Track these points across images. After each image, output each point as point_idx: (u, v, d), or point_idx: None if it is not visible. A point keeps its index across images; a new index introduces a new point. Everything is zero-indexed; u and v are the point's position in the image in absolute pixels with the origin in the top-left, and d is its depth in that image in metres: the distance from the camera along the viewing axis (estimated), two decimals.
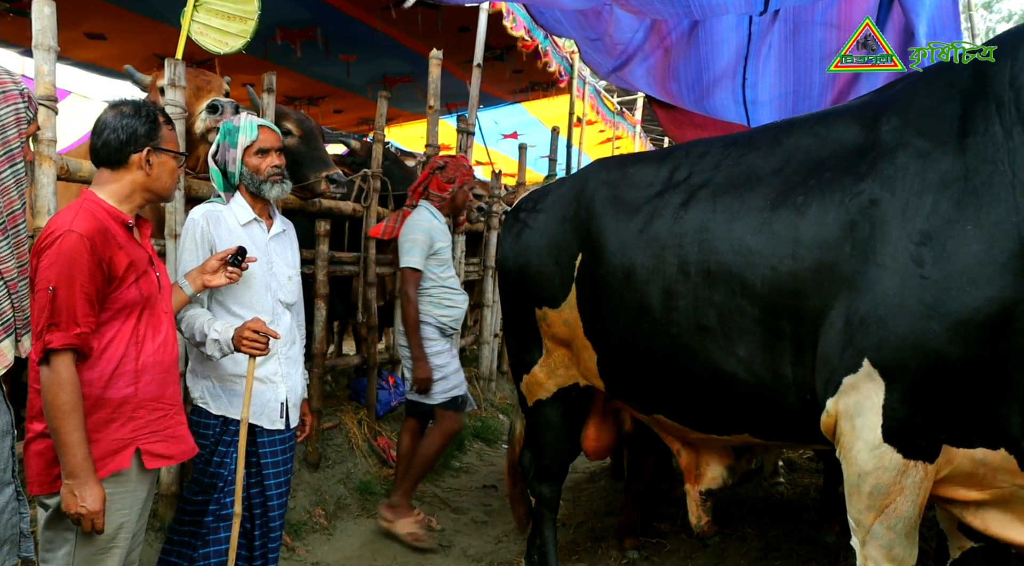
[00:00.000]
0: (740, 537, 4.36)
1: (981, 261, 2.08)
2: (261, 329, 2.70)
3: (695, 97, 5.81)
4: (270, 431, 2.92)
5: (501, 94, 9.67)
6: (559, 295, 3.24)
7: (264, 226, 3.02)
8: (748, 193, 2.59)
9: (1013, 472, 2.20)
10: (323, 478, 4.72)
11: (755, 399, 2.60)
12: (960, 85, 2.32)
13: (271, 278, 2.99)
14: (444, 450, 4.65)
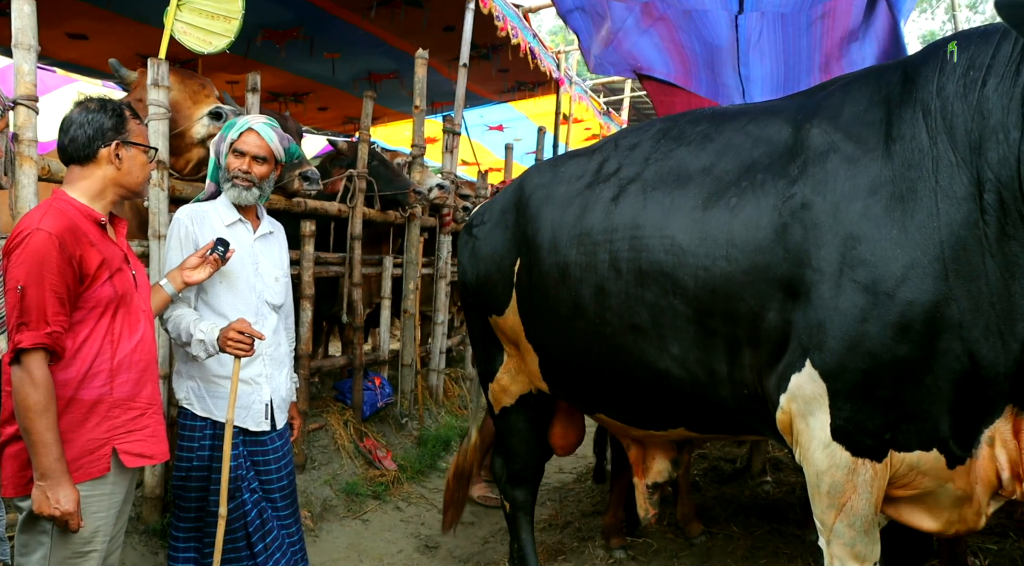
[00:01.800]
0: (727, 536, 4.37)
1: (907, 264, 2.13)
2: (246, 330, 2.69)
3: (704, 63, 5.80)
4: (256, 432, 2.90)
5: (487, 93, 9.67)
6: (503, 302, 3.27)
7: (250, 227, 3.00)
8: (679, 191, 2.59)
9: (940, 471, 2.27)
10: (309, 480, 4.70)
11: (689, 395, 2.64)
12: (889, 91, 2.35)
13: (256, 279, 2.97)
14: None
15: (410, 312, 6.14)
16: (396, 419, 5.93)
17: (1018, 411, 2.21)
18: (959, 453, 2.25)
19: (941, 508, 2.38)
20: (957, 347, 2.13)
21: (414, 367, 6.19)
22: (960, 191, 2.12)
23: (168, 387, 3.57)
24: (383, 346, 6.08)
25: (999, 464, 2.22)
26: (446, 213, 6.54)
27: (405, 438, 5.85)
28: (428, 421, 6.21)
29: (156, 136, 3.57)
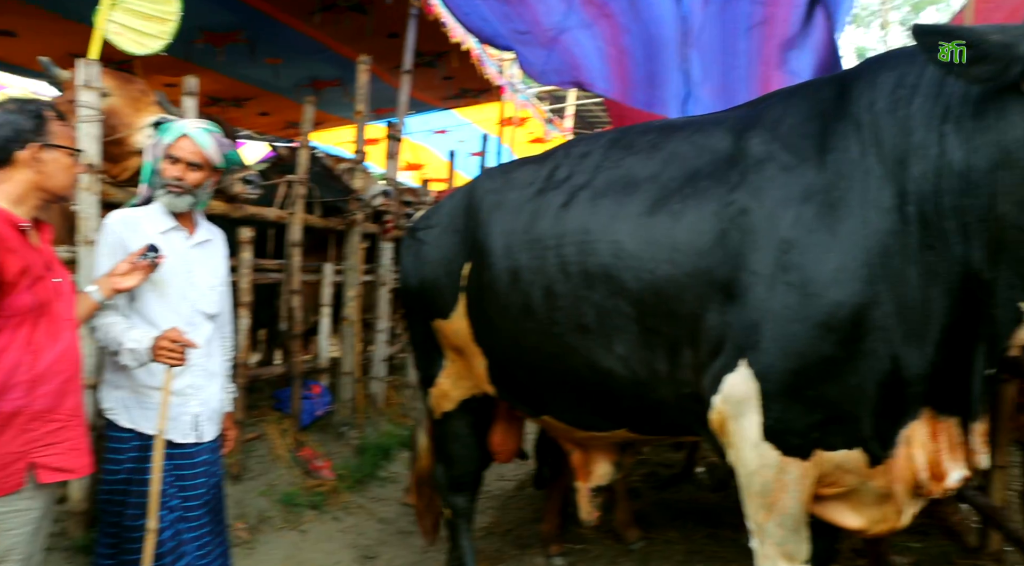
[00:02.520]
0: (665, 541, 4.43)
1: (836, 268, 2.23)
2: (179, 339, 2.63)
3: (647, 71, 5.82)
4: (182, 445, 2.84)
5: (431, 100, 9.65)
6: (449, 306, 3.30)
7: (185, 234, 2.94)
8: (627, 197, 2.69)
9: (862, 469, 2.37)
10: (245, 491, 4.61)
11: (632, 395, 2.72)
12: (825, 104, 2.46)
13: (190, 287, 2.90)
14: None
15: (350, 319, 6.09)
16: (336, 428, 5.87)
17: (936, 414, 2.32)
18: (879, 453, 2.35)
19: (864, 506, 2.47)
20: (881, 349, 2.23)
21: (354, 375, 6.14)
22: (886, 202, 2.23)
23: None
24: (322, 354, 6.02)
25: (917, 465, 2.32)
26: (388, 220, 6.51)
27: (345, 447, 5.79)
28: (368, 430, 6.16)
29: (87, 139, 3.48)
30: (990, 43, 1.93)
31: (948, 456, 2.33)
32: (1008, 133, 2.04)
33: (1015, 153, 2.03)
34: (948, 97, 2.18)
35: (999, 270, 2.12)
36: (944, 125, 2.16)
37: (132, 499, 2.73)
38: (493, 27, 5.62)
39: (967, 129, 2.12)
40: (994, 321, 2.18)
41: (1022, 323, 2.17)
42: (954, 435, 2.33)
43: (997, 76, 1.97)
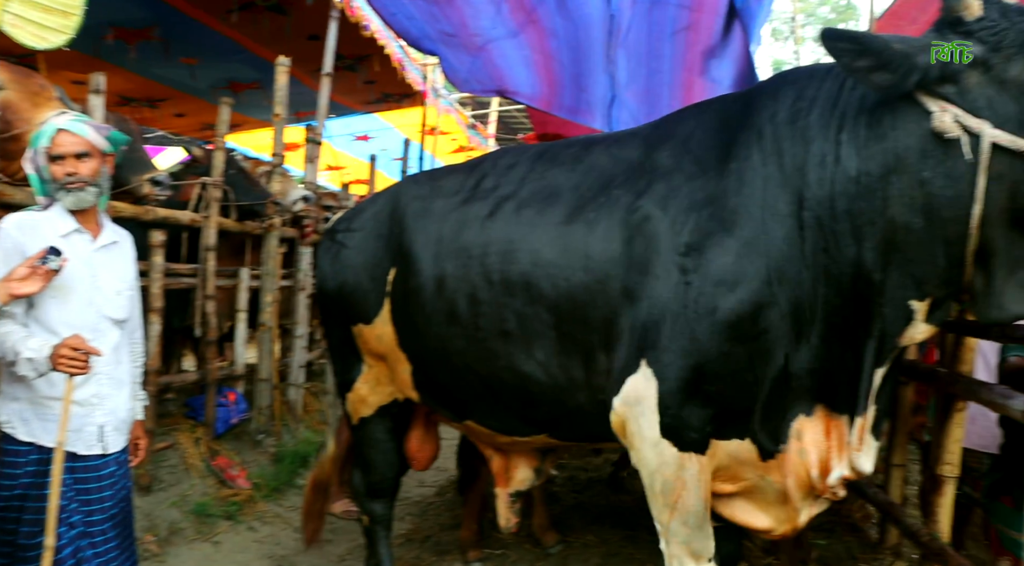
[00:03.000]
0: (583, 544, 4.49)
1: (734, 271, 2.34)
2: (81, 346, 2.52)
3: (574, 86, 5.86)
4: (86, 457, 2.73)
5: (353, 104, 9.57)
6: (373, 311, 3.29)
7: (89, 237, 2.83)
8: (548, 208, 2.77)
9: (755, 462, 2.49)
10: (155, 502, 4.47)
11: (551, 400, 2.80)
12: (732, 117, 2.58)
13: (95, 292, 2.80)
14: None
15: (267, 325, 5.97)
16: (252, 436, 5.75)
17: (829, 411, 2.44)
18: (770, 446, 2.47)
19: (768, 504, 2.58)
20: (773, 347, 2.35)
21: (271, 382, 6.02)
22: (784, 208, 2.34)
23: None
24: (238, 360, 5.89)
25: (809, 462, 2.43)
26: (307, 224, 6.41)
27: (261, 455, 5.67)
28: (286, 437, 6.05)
29: None
30: (893, 51, 2.03)
31: (836, 453, 2.44)
32: (900, 140, 2.15)
33: (907, 159, 2.13)
34: (844, 109, 2.29)
35: (889, 271, 2.23)
36: (840, 134, 2.27)
37: (28, 515, 2.60)
38: (419, 27, 5.56)
39: (861, 137, 2.22)
40: (884, 319, 2.29)
41: (911, 321, 2.28)
42: (843, 433, 2.44)
43: (897, 84, 2.07)
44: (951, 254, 2.15)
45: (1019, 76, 2.02)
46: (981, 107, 2.05)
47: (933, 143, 2.09)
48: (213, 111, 5.61)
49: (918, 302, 2.25)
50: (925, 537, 3.37)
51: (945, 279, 2.20)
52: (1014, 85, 2.03)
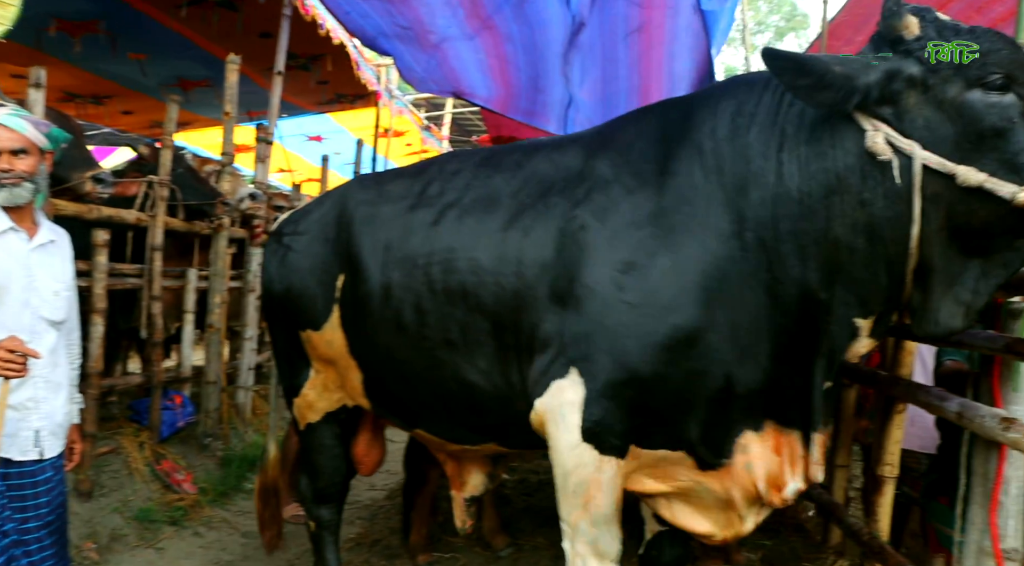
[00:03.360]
0: (533, 547, 4.49)
1: (673, 292, 2.31)
2: (18, 349, 2.45)
3: (531, 83, 5.84)
4: (21, 462, 2.65)
5: (305, 104, 9.45)
6: (322, 317, 3.23)
7: (25, 236, 2.75)
8: (488, 215, 2.75)
9: (691, 469, 2.49)
10: (96, 508, 4.36)
11: (495, 408, 2.78)
12: (670, 128, 2.53)
13: (31, 293, 2.72)
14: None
15: (215, 327, 5.87)
16: (199, 439, 5.65)
17: (779, 427, 2.43)
18: (711, 459, 2.45)
19: (708, 509, 2.58)
20: (711, 367, 2.32)
21: (219, 384, 5.92)
22: (725, 228, 2.31)
23: None
24: (185, 362, 5.78)
25: (755, 475, 2.42)
26: (257, 224, 6.32)
27: (208, 459, 5.58)
28: (234, 441, 5.95)
29: None
30: (834, 73, 2.03)
31: (788, 468, 2.43)
32: (841, 160, 2.14)
33: (847, 179, 2.13)
34: (783, 126, 2.27)
35: (834, 290, 2.22)
36: (781, 153, 2.25)
37: None
38: (375, 25, 5.50)
39: (802, 156, 2.21)
40: (831, 337, 2.28)
41: (857, 338, 2.30)
42: (795, 448, 2.42)
43: (838, 104, 2.07)
44: (893, 273, 2.16)
45: (956, 97, 2.03)
46: (918, 128, 2.07)
47: (871, 164, 2.10)
48: (162, 109, 5.50)
49: (863, 319, 2.26)
50: (866, 536, 3.45)
51: (888, 297, 2.22)
52: (951, 106, 2.04)
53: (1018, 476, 2.50)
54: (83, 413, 3.02)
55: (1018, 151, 1.99)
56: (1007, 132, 2.00)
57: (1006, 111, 2.00)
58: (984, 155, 2.01)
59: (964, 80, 2.03)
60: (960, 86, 2.03)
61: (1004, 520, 2.50)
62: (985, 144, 2.02)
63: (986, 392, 2.61)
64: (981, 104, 2.01)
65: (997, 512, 2.50)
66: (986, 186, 1.98)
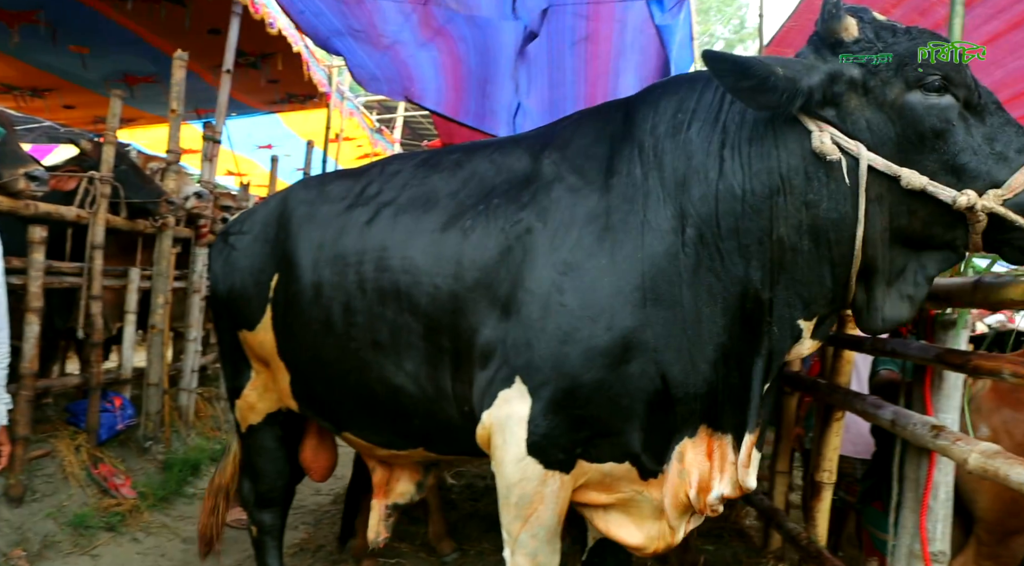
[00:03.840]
0: (478, 552, 4.49)
1: (611, 293, 2.26)
2: None
3: (480, 87, 5.85)
4: None
5: (255, 104, 9.33)
6: (256, 318, 3.19)
7: None
8: (424, 214, 2.69)
9: (635, 480, 2.45)
10: (27, 514, 4.23)
11: (423, 413, 2.70)
12: (612, 127, 2.50)
13: None
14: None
15: (158, 328, 5.75)
16: (139, 442, 5.52)
17: (712, 432, 2.39)
18: (651, 467, 2.41)
19: (643, 519, 2.53)
20: (651, 370, 2.27)
21: (161, 386, 5.79)
22: (665, 225, 2.27)
23: None
24: (126, 364, 5.64)
25: (689, 482, 2.38)
26: (203, 224, 6.22)
27: (148, 463, 5.45)
28: (176, 444, 5.83)
29: None
30: (777, 76, 2.01)
31: (718, 473, 2.39)
32: (785, 161, 2.12)
33: (793, 180, 2.11)
34: (726, 123, 2.25)
35: (777, 290, 2.20)
36: (723, 150, 2.22)
37: None
38: (328, 24, 5.48)
39: (745, 155, 2.19)
40: (772, 338, 2.25)
41: (800, 340, 2.29)
42: (726, 452, 2.38)
43: (781, 106, 2.05)
44: (836, 274, 2.15)
45: (896, 99, 2.03)
46: (861, 129, 2.06)
47: (816, 164, 2.08)
48: (105, 104, 5.37)
49: (805, 321, 2.24)
50: (804, 541, 3.53)
51: (831, 298, 2.20)
52: (891, 108, 2.04)
53: (946, 482, 2.59)
54: (13, 414, 2.93)
55: (957, 152, 2.00)
56: (946, 133, 2.01)
57: (945, 113, 2.01)
58: (925, 156, 2.03)
59: (904, 82, 2.03)
60: (900, 88, 2.04)
61: (933, 524, 2.57)
62: (926, 145, 2.03)
63: (918, 401, 2.69)
64: (921, 106, 2.02)
65: (927, 516, 2.58)
66: (929, 189, 1.99)
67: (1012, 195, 1.95)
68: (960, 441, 2.26)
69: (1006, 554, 3.12)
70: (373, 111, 11.78)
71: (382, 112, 12.46)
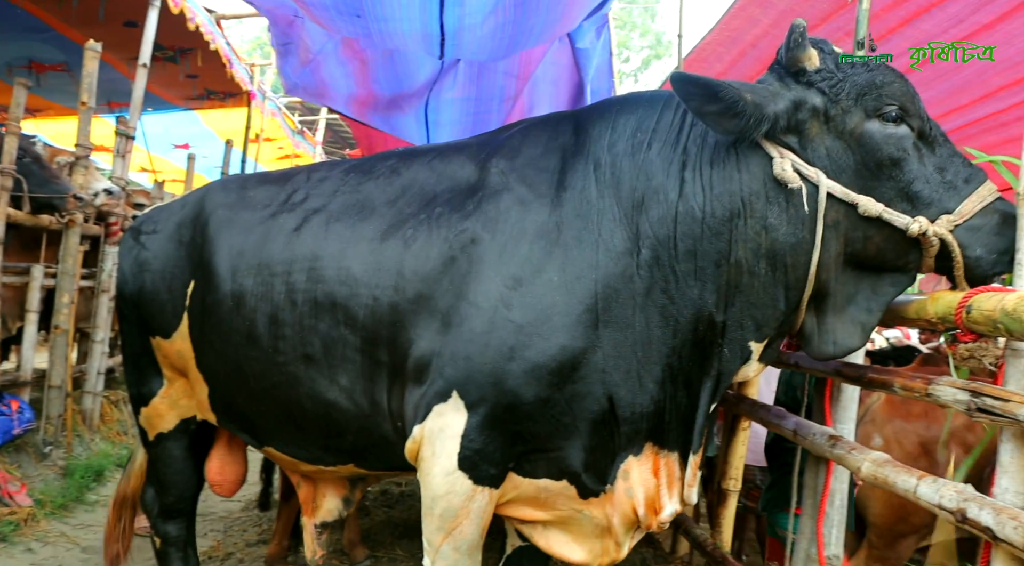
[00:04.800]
0: (391, 559, 4.46)
1: (561, 311, 2.21)
2: None
3: (388, 106, 5.87)
4: None
5: (173, 99, 9.07)
6: (171, 325, 3.05)
7: None
8: (360, 223, 2.60)
9: (573, 498, 2.40)
10: None
11: (356, 429, 2.62)
12: (563, 139, 2.47)
13: None
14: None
15: (62, 328, 5.52)
16: (37, 447, 5.29)
17: (658, 449, 2.36)
18: (593, 487, 2.37)
19: (585, 537, 2.50)
20: (598, 390, 2.25)
21: (64, 389, 5.57)
22: (620, 245, 2.24)
23: None
24: (25, 365, 5.40)
25: (636, 500, 2.38)
26: (114, 222, 6.02)
27: (48, 469, 5.23)
28: (78, 449, 5.61)
29: None
30: (745, 102, 2.02)
31: (666, 491, 2.37)
32: (747, 185, 2.14)
33: (754, 204, 2.13)
34: (687, 145, 2.25)
35: (731, 312, 2.21)
36: (684, 171, 2.22)
37: None
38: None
39: (707, 177, 2.19)
40: (722, 359, 2.27)
41: (749, 361, 2.32)
42: (673, 470, 2.38)
43: (746, 131, 2.09)
44: (790, 298, 2.17)
45: (855, 129, 2.09)
46: (820, 157, 2.11)
47: (776, 189, 2.11)
48: (9, 91, 5.14)
49: (756, 343, 2.26)
50: (710, 546, 3.64)
51: (783, 321, 2.23)
52: (851, 137, 2.09)
53: (842, 489, 2.72)
54: None
55: (912, 180, 2.08)
56: (902, 162, 2.08)
57: (901, 142, 2.08)
58: (881, 184, 2.09)
59: (863, 111, 2.09)
60: (859, 117, 2.09)
61: (828, 529, 2.70)
62: (883, 173, 2.09)
63: (818, 412, 2.82)
64: (879, 135, 2.08)
65: (823, 522, 2.70)
66: (884, 216, 2.06)
67: (962, 221, 2.05)
68: (855, 451, 2.38)
69: (894, 556, 3.30)
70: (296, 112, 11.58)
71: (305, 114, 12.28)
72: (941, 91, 3.87)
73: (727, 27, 4.85)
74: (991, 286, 1.97)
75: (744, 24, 4.64)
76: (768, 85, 2.17)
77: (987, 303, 1.81)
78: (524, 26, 4.63)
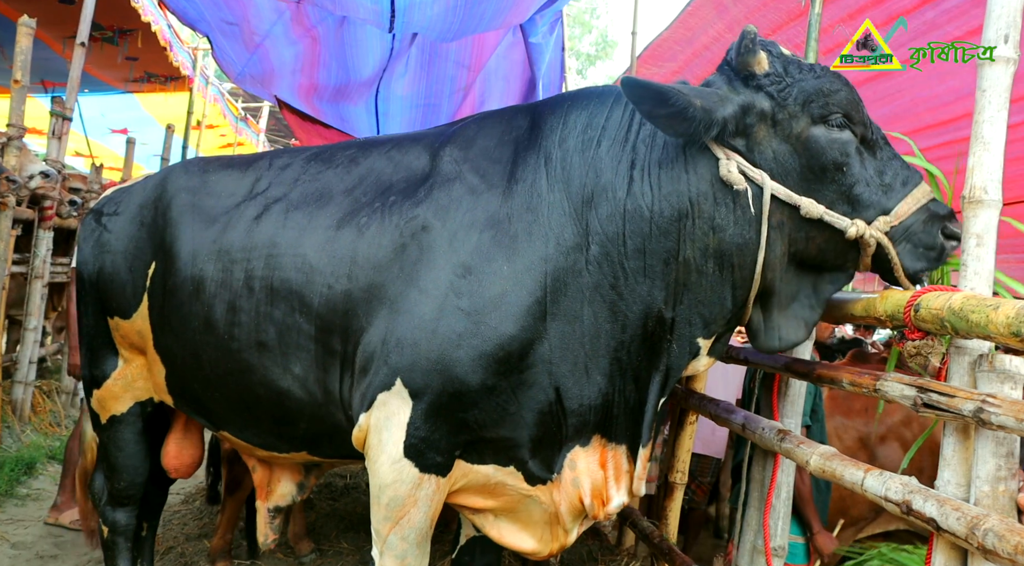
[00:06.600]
0: (336, 552, 4.43)
1: (510, 301, 2.24)
2: None
3: (337, 94, 5.82)
4: None
5: (111, 81, 8.79)
6: (131, 306, 3.03)
7: None
8: (318, 211, 2.62)
9: (520, 485, 2.45)
10: None
11: (309, 417, 2.63)
12: (517, 133, 2.50)
13: None
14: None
15: None
16: None
17: (606, 442, 2.41)
18: (540, 474, 2.41)
19: (534, 525, 2.56)
20: (544, 381, 2.29)
21: None
22: (569, 240, 2.28)
23: None
24: None
25: (582, 490, 2.42)
26: (48, 206, 5.82)
27: None
28: (8, 441, 5.43)
29: None
30: (695, 106, 2.04)
31: (614, 483, 2.44)
32: (695, 185, 2.18)
33: (701, 204, 2.17)
34: (635, 144, 2.29)
35: (679, 309, 2.26)
36: (633, 170, 2.26)
37: None
38: (198, 10, 5.33)
39: (655, 177, 2.23)
40: (671, 355, 2.32)
41: (697, 356, 2.37)
42: (621, 462, 2.42)
43: (696, 134, 2.12)
44: (737, 295, 2.23)
45: (802, 133, 2.14)
46: (767, 159, 2.15)
47: (723, 191, 2.16)
48: None
49: (704, 339, 2.31)
50: (656, 538, 3.70)
51: (730, 317, 2.28)
52: (797, 141, 2.15)
53: (788, 482, 2.79)
54: None
55: (853, 184, 2.15)
56: (844, 166, 2.14)
57: (845, 147, 2.14)
58: (825, 186, 2.15)
59: (809, 116, 2.15)
60: (806, 122, 2.15)
61: (775, 521, 2.77)
62: (826, 176, 2.15)
63: (766, 406, 2.88)
64: (824, 139, 2.14)
65: (770, 514, 2.77)
66: (825, 218, 2.13)
67: (897, 222, 2.13)
68: (803, 444, 2.44)
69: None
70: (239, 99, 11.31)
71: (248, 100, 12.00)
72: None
73: (683, 26, 4.91)
74: (939, 286, 2.04)
75: (700, 23, 4.71)
76: (717, 88, 2.21)
77: (935, 302, 1.87)
78: (475, 10, 4.64)
